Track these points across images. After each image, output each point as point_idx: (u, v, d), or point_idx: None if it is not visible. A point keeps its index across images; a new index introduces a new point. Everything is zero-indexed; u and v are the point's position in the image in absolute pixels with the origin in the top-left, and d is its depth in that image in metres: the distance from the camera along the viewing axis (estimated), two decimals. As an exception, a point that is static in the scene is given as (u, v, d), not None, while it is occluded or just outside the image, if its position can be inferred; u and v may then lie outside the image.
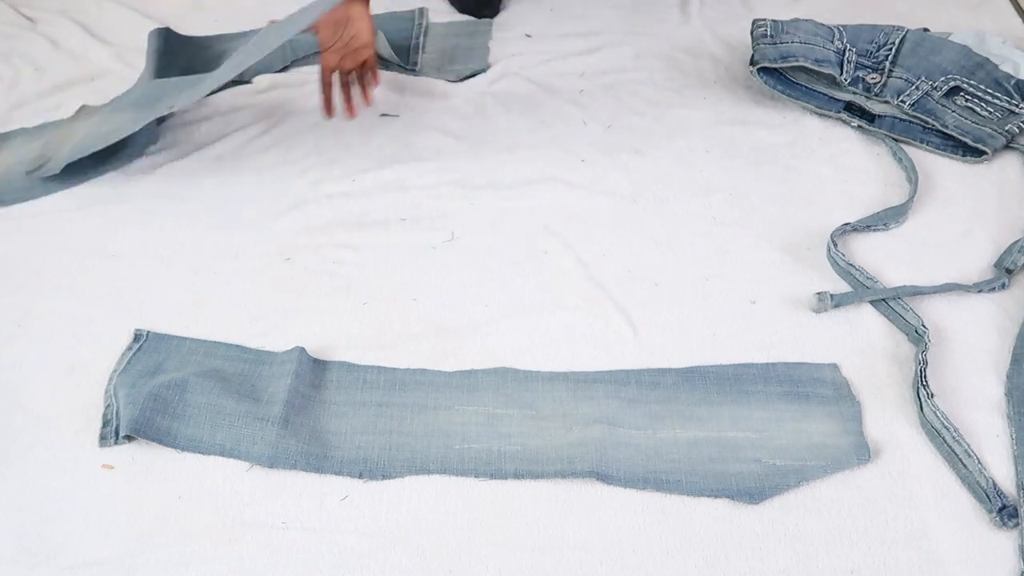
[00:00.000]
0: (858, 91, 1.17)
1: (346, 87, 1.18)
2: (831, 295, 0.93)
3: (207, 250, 1.03)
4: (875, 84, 1.16)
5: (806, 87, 1.19)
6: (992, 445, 0.80)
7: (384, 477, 0.80)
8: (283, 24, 1.06)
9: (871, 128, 1.15)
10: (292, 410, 0.84)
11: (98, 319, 0.95)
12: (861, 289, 0.94)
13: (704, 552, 0.74)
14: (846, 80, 1.16)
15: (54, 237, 1.05)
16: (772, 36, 1.19)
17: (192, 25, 1.38)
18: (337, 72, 1.16)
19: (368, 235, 1.05)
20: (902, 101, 1.14)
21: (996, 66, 1.13)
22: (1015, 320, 0.91)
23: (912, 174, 1.07)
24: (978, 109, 1.11)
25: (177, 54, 1.22)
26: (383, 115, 1.20)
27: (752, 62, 1.19)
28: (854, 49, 1.18)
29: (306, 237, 1.05)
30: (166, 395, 0.84)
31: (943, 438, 0.79)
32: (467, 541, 0.75)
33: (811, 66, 1.16)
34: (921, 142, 1.13)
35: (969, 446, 0.78)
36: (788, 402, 0.84)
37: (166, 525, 0.77)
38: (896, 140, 1.13)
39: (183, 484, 0.80)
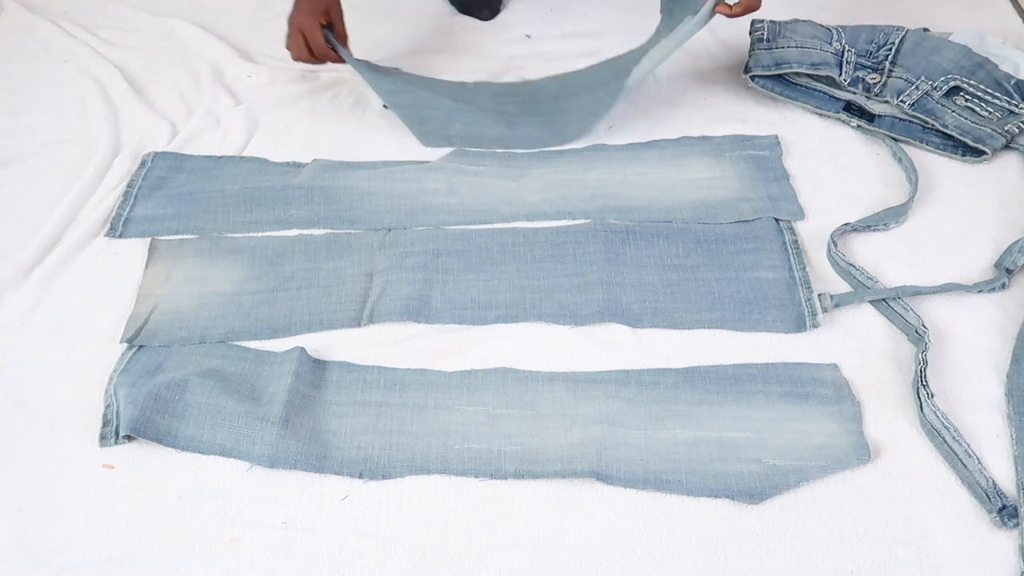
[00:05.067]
0: (858, 91, 1.17)
1: None
2: (831, 295, 0.93)
3: (207, 250, 1.03)
4: (875, 84, 1.16)
5: (805, 87, 1.19)
6: (992, 445, 0.80)
7: (384, 477, 0.80)
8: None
9: (871, 128, 1.15)
10: (292, 410, 0.84)
11: (98, 317, 0.95)
12: (861, 289, 0.94)
13: (704, 552, 0.74)
14: (845, 81, 1.16)
15: (56, 237, 1.05)
16: (769, 40, 1.19)
17: (193, 23, 1.38)
18: None
19: (368, 235, 1.04)
20: (902, 101, 1.14)
21: (996, 66, 1.13)
22: (1015, 320, 0.91)
23: (912, 174, 1.07)
24: (978, 109, 1.11)
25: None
26: (385, 106, 1.20)
27: (746, 69, 1.19)
28: (853, 50, 1.19)
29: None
30: (166, 395, 0.84)
31: (943, 438, 0.79)
32: (467, 541, 0.75)
33: (807, 71, 1.16)
34: (921, 142, 1.13)
35: (969, 446, 0.78)
36: (788, 402, 0.84)
37: (166, 525, 0.77)
38: (896, 140, 1.13)
39: (183, 484, 0.80)
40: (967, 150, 1.11)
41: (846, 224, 1.01)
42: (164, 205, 1.08)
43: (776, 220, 1.02)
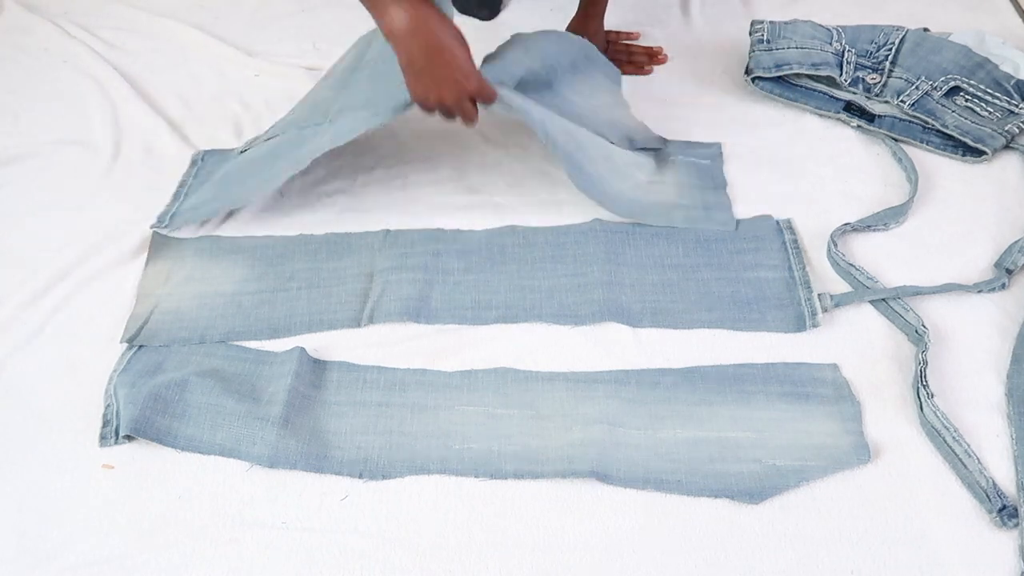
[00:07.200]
0: (858, 91, 1.17)
1: None
2: (831, 295, 0.93)
3: (207, 250, 1.03)
4: (875, 84, 1.16)
5: (805, 88, 1.19)
6: (992, 445, 0.80)
7: (384, 477, 0.80)
8: None
9: (871, 128, 1.15)
10: (292, 410, 0.84)
11: (98, 317, 0.95)
12: (861, 289, 0.94)
13: (704, 552, 0.74)
14: (846, 81, 1.16)
15: (56, 237, 1.05)
16: (768, 41, 1.19)
17: (193, 23, 1.38)
18: None
19: (368, 235, 1.04)
20: (902, 101, 1.14)
21: (996, 66, 1.13)
22: (1015, 320, 0.91)
23: (912, 174, 1.07)
24: (978, 109, 1.11)
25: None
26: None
27: (747, 71, 1.19)
28: (853, 50, 1.19)
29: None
30: (166, 395, 0.84)
31: (943, 438, 0.79)
32: (467, 541, 0.75)
33: (807, 71, 1.16)
34: (921, 142, 1.13)
35: (969, 446, 0.78)
36: (788, 402, 0.84)
37: (166, 525, 0.77)
38: (896, 140, 1.13)
39: (183, 484, 0.80)
40: (967, 150, 1.11)
41: (846, 224, 1.01)
42: (206, 192, 1.08)
43: (776, 220, 1.02)
